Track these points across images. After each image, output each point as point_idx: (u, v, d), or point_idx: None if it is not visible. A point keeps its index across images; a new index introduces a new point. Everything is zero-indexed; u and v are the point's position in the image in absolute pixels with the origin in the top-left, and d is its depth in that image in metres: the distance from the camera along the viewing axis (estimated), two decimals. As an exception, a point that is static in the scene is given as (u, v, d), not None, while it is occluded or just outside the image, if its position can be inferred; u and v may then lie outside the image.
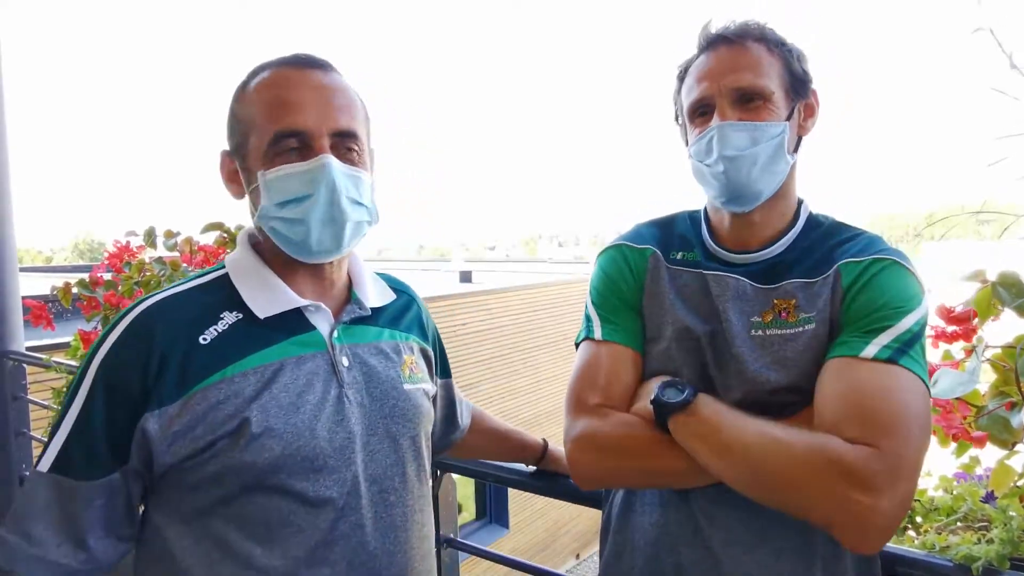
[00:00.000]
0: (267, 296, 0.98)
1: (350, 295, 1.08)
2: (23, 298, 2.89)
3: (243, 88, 1.00)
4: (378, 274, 1.19)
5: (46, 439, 0.92)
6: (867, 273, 0.94)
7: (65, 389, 2.29)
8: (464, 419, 1.37)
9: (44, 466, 0.90)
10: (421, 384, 1.10)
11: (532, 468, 1.46)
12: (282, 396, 0.93)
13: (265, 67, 1.00)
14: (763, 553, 0.94)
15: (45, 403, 2.53)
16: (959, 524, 1.16)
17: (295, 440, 0.92)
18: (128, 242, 2.37)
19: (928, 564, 0.99)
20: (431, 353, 1.21)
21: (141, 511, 0.98)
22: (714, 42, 1.01)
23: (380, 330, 1.09)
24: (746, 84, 0.97)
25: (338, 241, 0.98)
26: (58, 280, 2.44)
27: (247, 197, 1.01)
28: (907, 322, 0.89)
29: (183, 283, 1.00)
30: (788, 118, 1.00)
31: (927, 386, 0.88)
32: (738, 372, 0.96)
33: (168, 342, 0.90)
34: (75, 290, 2.30)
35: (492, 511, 10.49)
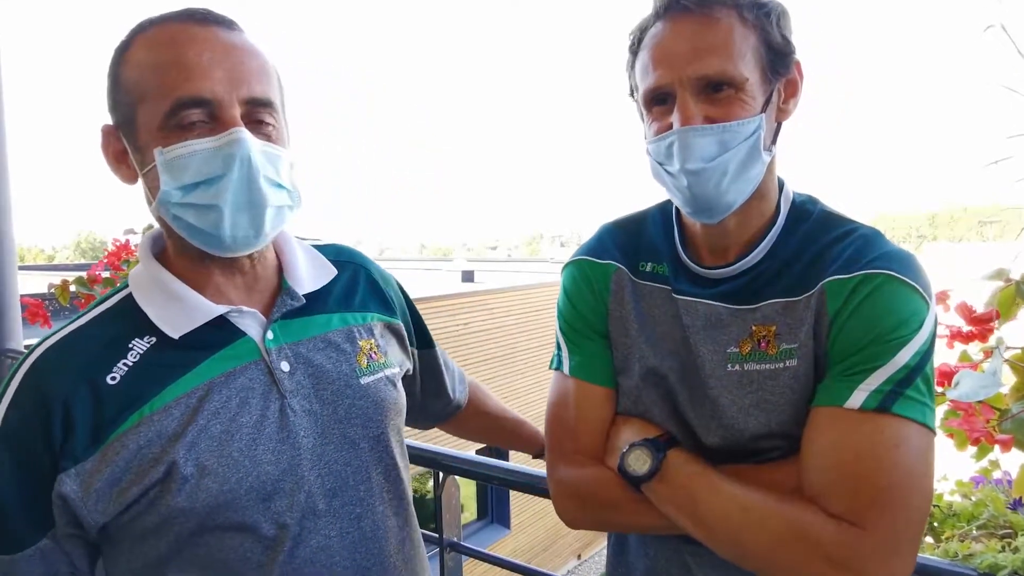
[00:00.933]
0: (177, 311, 0.83)
1: (281, 283, 0.93)
2: (21, 296, 2.86)
3: (125, 47, 0.82)
4: (318, 246, 1.03)
5: None
6: (856, 296, 0.79)
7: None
8: (458, 393, 1.26)
9: None
10: (384, 371, 0.97)
11: (536, 470, 1.44)
12: (212, 426, 0.81)
13: (152, 22, 0.82)
14: None
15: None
16: (978, 532, 1.13)
17: (233, 473, 0.81)
18: (127, 240, 2.34)
19: (952, 573, 0.95)
20: (400, 326, 1.06)
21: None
22: (673, 8, 0.81)
23: (328, 317, 0.95)
24: (713, 71, 0.79)
25: (257, 230, 0.83)
26: (58, 279, 2.41)
27: (141, 181, 0.84)
28: (903, 356, 0.76)
29: (83, 315, 0.85)
30: (765, 106, 0.83)
31: (930, 428, 0.76)
32: (714, 416, 0.88)
33: (69, 392, 0.78)
34: (73, 288, 2.27)
35: (493, 511, 10.47)
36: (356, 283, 1.02)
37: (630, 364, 0.95)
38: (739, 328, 0.87)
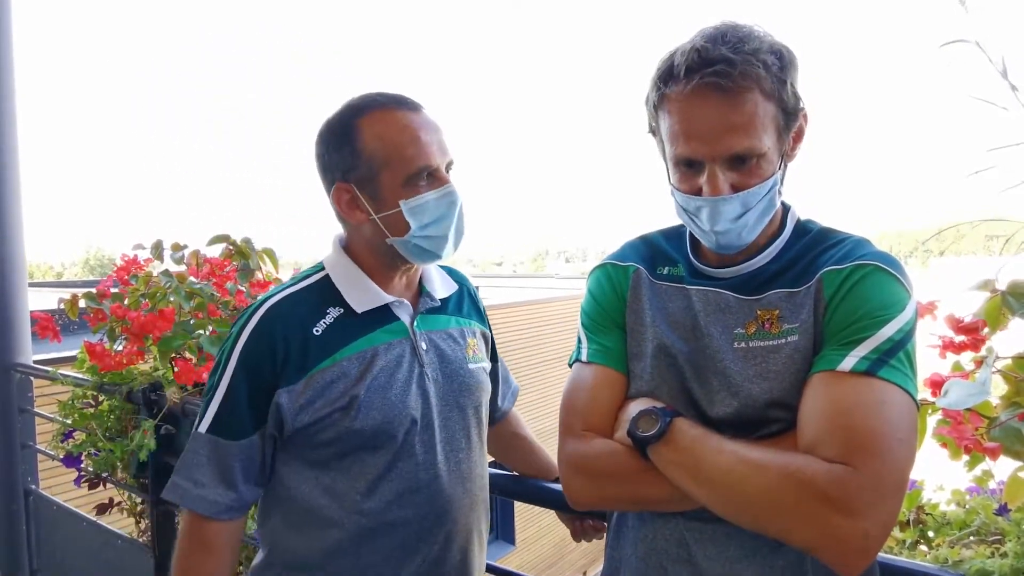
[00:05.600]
0: (362, 294, 1.19)
1: (420, 288, 1.29)
2: (31, 311, 2.90)
3: (357, 127, 1.14)
4: (441, 267, 1.37)
5: (200, 406, 1.17)
6: (848, 282, 0.90)
7: (70, 402, 2.29)
8: (506, 402, 1.54)
9: (203, 428, 1.14)
10: (481, 363, 1.33)
11: (542, 482, 1.49)
12: (380, 376, 1.15)
13: (378, 106, 1.15)
14: (750, 569, 0.92)
15: (51, 416, 2.54)
16: (972, 538, 1.14)
17: (391, 410, 1.14)
18: (136, 255, 2.38)
19: (940, 578, 0.96)
20: (488, 334, 1.42)
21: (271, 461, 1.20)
22: (707, 85, 0.88)
23: (448, 318, 1.31)
24: (741, 149, 0.90)
25: (456, 247, 1.21)
26: (67, 295, 2.45)
27: (369, 221, 1.17)
28: (887, 331, 0.85)
29: (292, 285, 1.21)
30: (779, 161, 0.94)
31: (912, 396, 0.84)
32: (724, 387, 0.94)
33: (289, 335, 1.13)
34: (82, 303, 2.31)
35: (498, 527, 10.42)
36: (463, 297, 1.38)
37: (643, 347, 1.02)
38: (745, 313, 0.97)
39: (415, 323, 1.23)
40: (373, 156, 1.13)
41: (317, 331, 1.14)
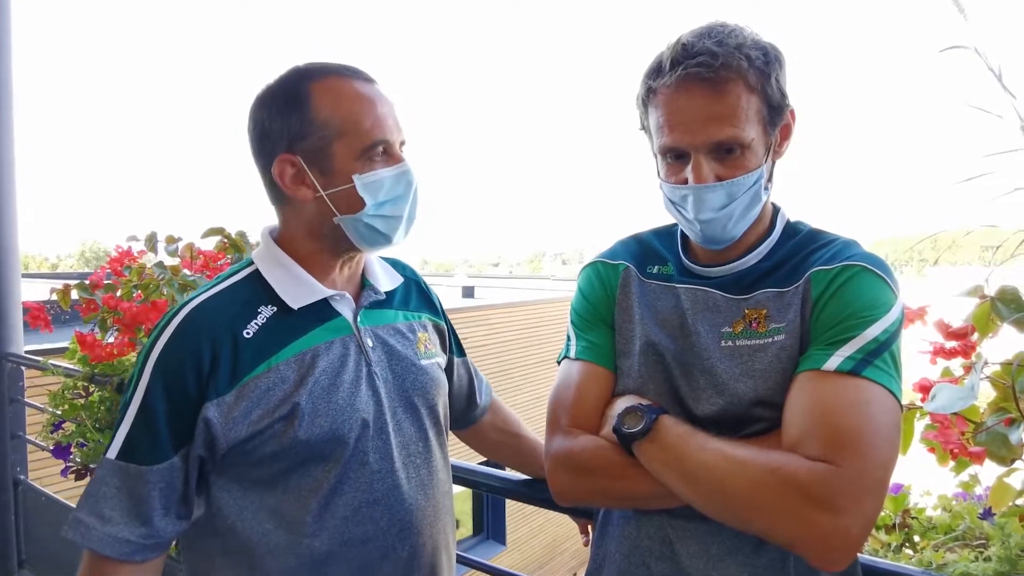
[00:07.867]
0: (298, 289, 1.08)
1: (363, 281, 1.18)
2: (24, 302, 2.90)
3: (309, 92, 1.04)
4: (384, 259, 1.29)
5: (114, 429, 1.01)
6: (835, 282, 0.91)
7: (60, 392, 2.28)
8: (483, 398, 1.45)
9: (112, 454, 0.98)
10: (435, 358, 1.23)
11: (531, 479, 1.46)
12: (322, 379, 1.04)
13: (331, 73, 1.06)
14: (732, 567, 0.93)
15: (41, 406, 2.53)
16: (956, 543, 1.14)
17: (340, 415, 1.04)
18: (130, 247, 2.37)
19: (923, 581, 0.96)
20: (444, 327, 1.32)
21: (204, 489, 1.05)
22: (690, 76, 0.91)
23: (395, 313, 1.21)
24: (724, 137, 0.91)
25: (407, 233, 1.12)
26: (59, 285, 2.44)
27: (315, 199, 1.06)
28: (873, 331, 0.86)
29: (218, 284, 1.08)
30: (765, 156, 0.95)
31: (896, 396, 0.85)
32: (710, 385, 0.95)
33: (216, 340, 1.00)
34: (74, 294, 2.30)
35: (489, 527, 10.42)
36: (410, 291, 1.29)
37: (631, 345, 1.03)
38: (733, 312, 0.98)
39: (358, 318, 1.13)
40: (327, 125, 1.03)
41: (248, 334, 1.02)
